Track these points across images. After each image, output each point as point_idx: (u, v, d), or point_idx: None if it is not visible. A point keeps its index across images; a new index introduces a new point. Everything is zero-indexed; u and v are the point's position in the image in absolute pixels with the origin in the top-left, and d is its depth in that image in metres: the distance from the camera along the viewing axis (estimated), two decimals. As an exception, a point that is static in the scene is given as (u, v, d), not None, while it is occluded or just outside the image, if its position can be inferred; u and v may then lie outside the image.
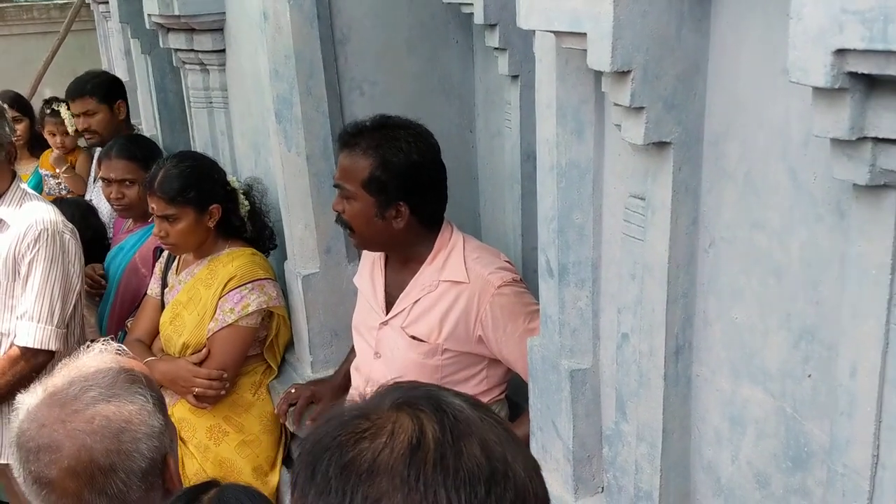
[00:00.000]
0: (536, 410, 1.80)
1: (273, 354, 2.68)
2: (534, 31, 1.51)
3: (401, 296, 2.08)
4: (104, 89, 3.72)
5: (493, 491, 0.72)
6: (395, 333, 2.09)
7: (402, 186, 1.97)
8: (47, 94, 4.93)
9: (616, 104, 1.28)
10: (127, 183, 2.96)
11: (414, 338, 2.05)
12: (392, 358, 2.10)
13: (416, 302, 2.05)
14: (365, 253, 2.23)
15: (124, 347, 1.39)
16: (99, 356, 1.32)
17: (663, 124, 1.26)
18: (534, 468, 0.79)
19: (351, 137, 2.00)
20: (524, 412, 1.93)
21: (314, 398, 2.51)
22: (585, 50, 1.24)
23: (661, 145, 1.29)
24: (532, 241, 2.35)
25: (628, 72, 1.21)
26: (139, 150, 3.00)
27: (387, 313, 2.10)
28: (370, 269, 2.20)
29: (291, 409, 2.52)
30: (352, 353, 2.53)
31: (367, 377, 2.18)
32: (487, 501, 0.71)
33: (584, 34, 1.22)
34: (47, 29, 7.82)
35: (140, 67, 4.04)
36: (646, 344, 1.42)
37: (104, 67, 5.21)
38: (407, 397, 0.78)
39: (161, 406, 1.31)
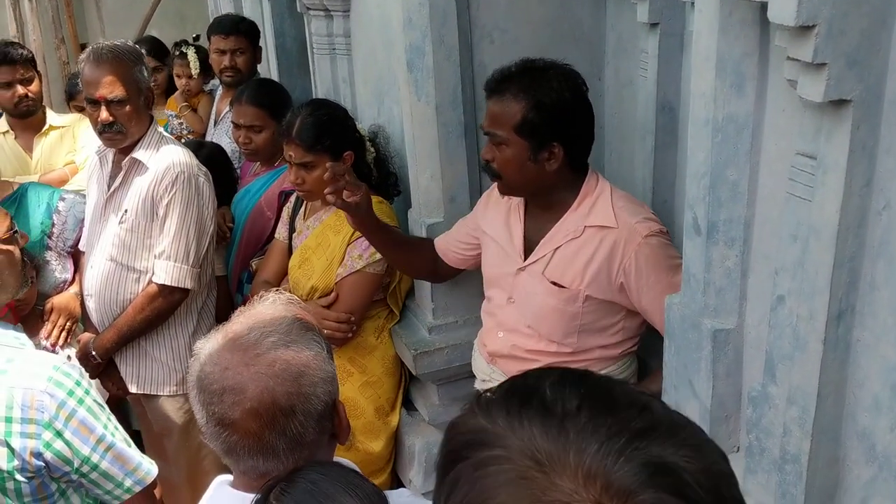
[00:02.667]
0: (672, 368, 1.79)
1: (395, 300, 2.73)
2: (696, -20, 1.45)
3: (542, 241, 2.08)
4: (254, 31, 3.81)
5: None
6: (533, 279, 2.09)
7: (556, 126, 1.96)
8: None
9: (793, 59, 1.23)
10: (255, 129, 3.03)
11: (555, 283, 2.05)
12: (528, 304, 2.11)
13: (558, 248, 2.05)
14: (496, 200, 2.23)
15: (296, 297, 1.44)
16: (273, 305, 1.36)
17: (845, 81, 1.21)
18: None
19: (498, 84, 1.98)
20: (657, 369, 1.93)
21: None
22: (754, 1, 1.19)
23: (840, 103, 1.24)
24: (663, 195, 2.31)
25: (812, 26, 1.16)
26: (268, 98, 3.05)
27: (525, 259, 2.11)
28: (505, 215, 2.20)
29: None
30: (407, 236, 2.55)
31: (500, 322, 2.20)
32: None
33: (762, -14, 1.17)
34: (155, -28, 8.00)
35: (256, 12, 4.10)
36: (805, 307, 1.39)
37: (210, 12, 5.28)
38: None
39: (331, 354, 1.35)
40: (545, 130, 1.95)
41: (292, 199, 2.85)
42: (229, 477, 1.36)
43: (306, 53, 3.49)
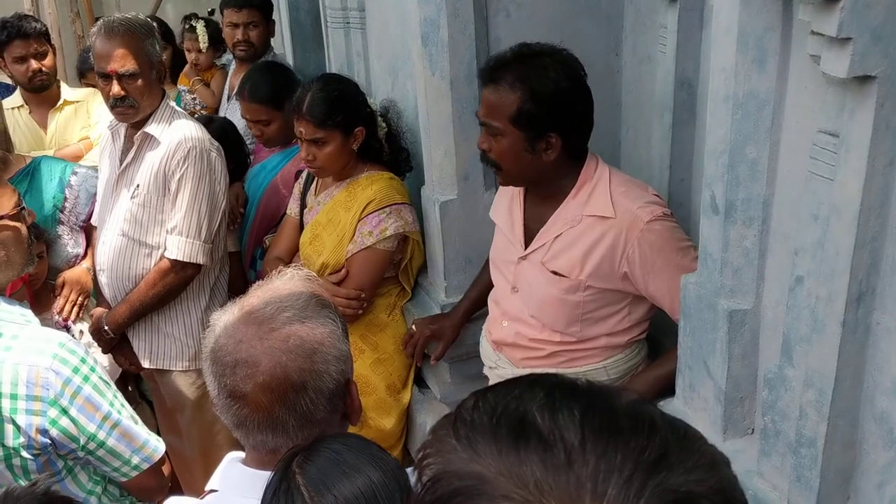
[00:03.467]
0: (686, 349, 1.77)
1: (407, 278, 2.72)
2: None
3: (541, 230, 2.05)
4: (268, 4, 3.78)
5: None
6: (534, 268, 2.06)
7: (553, 117, 1.91)
8: (169, 13, 5.00)
9: (817, 33, 1.19)
10: (263, 122, 3.02)
11: (555, 273, 2.01)
12: (530, 293, 2.08)
13: (557, 237, 2.01)
14: (504, 189, 2.21)
15: (313, 273, 1.42)
16: (290, 280, 1.35)
17: (869, 57, 1.17)
18: None
19: (494, 72, 1.92)
20: (671, 349, 1.90)
21: (434, 336, 2.54)
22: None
23: (865, 79, 1.20)
24: (680, 174, 2.27)
25: (837, 0, 1.12)
26: (267, 91, 2.99)
27: (525, 248, 2.08)
28: (508, 203, 2.16)
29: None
30: (474, 286, 2.52)
31: (504, 311, 2.17)
32: None
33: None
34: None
35: (271, -14, 4.06)
36: (824, 288, 1.36)
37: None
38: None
39: (346, 332, 1.34)
40: (542, 121, 1.90)
41: (303, 175, 2.83)
42: (241, 454, 1.36)
43: (320, 27, 3.46)
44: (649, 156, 2.35)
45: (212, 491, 1.33)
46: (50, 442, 1.71)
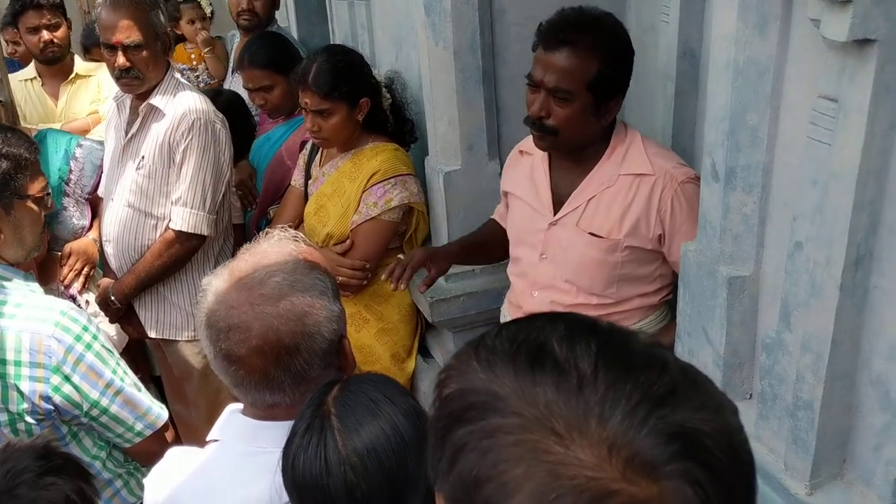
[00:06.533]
0: (685, 315, 1.79)
1: (412, 248, 2.73)
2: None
3: (574, 193, 2.04)
4: None
5: None
6: (567, 232, 2.05)
7: (624, 79, 1.93)
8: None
9: (817, -3, 1.20)
10: (266, 88, 3.02)
11: (592, 234, 2.01)
12: (564, 258, 2.06)
13: (591, 198, 2.01)
14: (515, 159, 2.21)
15: (301, 235, 1.44)
16: (279, 244, 1.37)
17: (870, 19, 1.17)
18: None
19: (565, 34, 1.87)
20: (671, 321, 1.91)
21: (427, 260, 2.32)
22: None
23: (864, 43, 1.20)
24: (683, 143, 2.28)
25: (838, -39, 1.12)
26: (269, 54, 3.01)
27: (555, 214, 2.07)
28: (528, 172, 2.14)
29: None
30: (469, 235, 2.46)
31: (533, 281, 2.15)
32: None
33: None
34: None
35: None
36: (822, 253, 1.37)
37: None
38: None
39: (336, 292, 1.36)
40: (616, 84, 1.90)
41: (308, 146, 2.84)
42: (241, 405, 1.39)
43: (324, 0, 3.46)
44: (652, 125, 2.35)
45: (213, 441, 1.36)
46: (53, 408, 1.74)
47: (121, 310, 2.81)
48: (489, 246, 2.40)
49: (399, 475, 1.11)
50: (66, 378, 1.73)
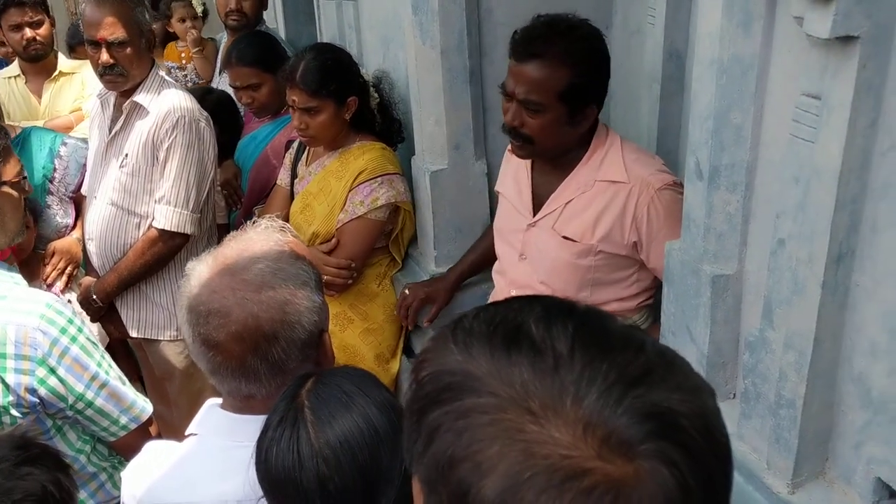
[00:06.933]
0: (669, 315, 1.79)
1: (398, 248, 2.73)
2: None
3: (552, 196, 2.04)
4: None
5: None
6: (544, 234, 2.06)
7: (599, 87, 1.92)
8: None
9: (800, -6, 1.20)
10: (253, 87, 3.01)
11: (566, 238, 2.01)
12: (540, 259, 2.08)
13: (568, 202, 2.01)
14: (507, 158, 2.21)
15: (288, 226, 1.44)
16: (265, 232, 1.37)
17: (853, 17, 1.18)
18: None
19: (534, 45, 1.85)
20: (654, 324, 1.92)
21: (428, 299, 2.55)
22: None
23: (847, 40, 1.21)
24: (668, 145, 2.29)
25: (821, -42, 1.13)
26: (256, 52, 3.00)
27: (534, 215, 2.08)
28: (513, 172, 2.16)
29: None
30: (472, 251, 2.54)
31: (512, 280, 2.16)
32: None
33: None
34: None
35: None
36: (805, 250, 1.38)
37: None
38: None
39: (320, 284, 1.35)
40: (588, 94, 1.89)
41: (294, 145, 2.83)
42: (220, 400, 1.38)
43: (312, 0, 3.45)
44: (638, 127, 2.36)
45: (192, 435, 1.35)
46: (38, 401, 1.73)
47: (102, 309, 2.79)
48: (492, 250, 2.39)
49: (372, 468, 1.10)
50: (52, 370, 1.72)
